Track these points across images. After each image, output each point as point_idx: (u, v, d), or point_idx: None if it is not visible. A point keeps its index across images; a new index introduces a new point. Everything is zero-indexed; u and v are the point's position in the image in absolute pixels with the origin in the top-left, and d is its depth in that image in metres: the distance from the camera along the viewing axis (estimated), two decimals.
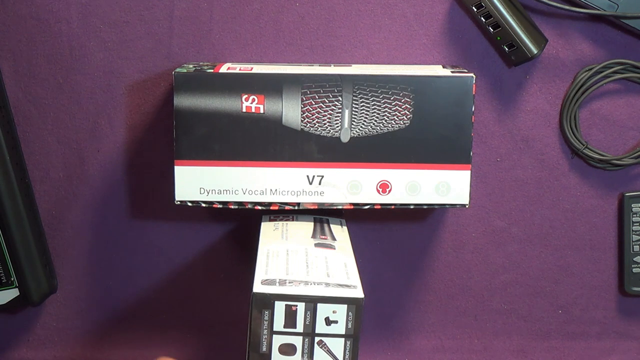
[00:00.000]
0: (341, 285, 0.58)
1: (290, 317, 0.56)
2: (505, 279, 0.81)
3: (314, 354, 0.57)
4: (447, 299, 0.82)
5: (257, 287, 0.57)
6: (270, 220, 0.73)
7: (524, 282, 0.81)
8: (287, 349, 0.57)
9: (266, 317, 0.56)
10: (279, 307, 0.56)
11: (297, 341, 0.57)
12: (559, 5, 0.73)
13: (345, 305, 0.57)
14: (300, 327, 0.57)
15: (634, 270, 0.80)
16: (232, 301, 0.82)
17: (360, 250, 0.80)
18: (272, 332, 0.56)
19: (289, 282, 0.58)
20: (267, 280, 0.58)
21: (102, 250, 0.81)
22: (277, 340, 0.57)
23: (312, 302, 0.56)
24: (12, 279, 0.76)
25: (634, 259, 0.79)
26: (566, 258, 0.81)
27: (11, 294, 0.76)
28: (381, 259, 0.81)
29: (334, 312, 0.57)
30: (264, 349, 0.57)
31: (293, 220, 0.73)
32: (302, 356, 0.57)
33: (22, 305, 0.77)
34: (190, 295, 0.81)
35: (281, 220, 0.73)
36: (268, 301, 0.56)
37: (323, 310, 0.57)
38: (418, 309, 0.82)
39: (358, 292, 0.57)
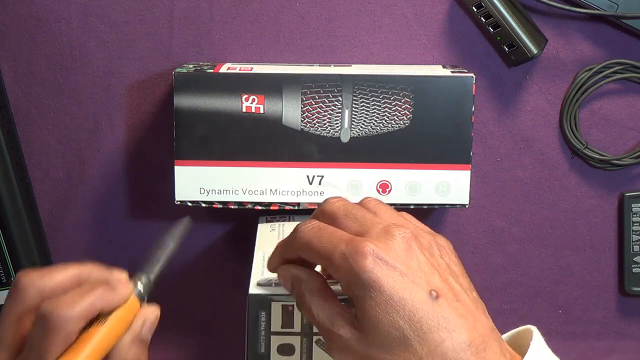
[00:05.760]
0: (336, 283, 0.58)
1: (288, 317, 0.56)
2: (505, 279, 0.81)
3: (313, 353, 0.57)
4: None
5: (253, 289, 0.57)
6: (267, 221, 0.73)
7: (524, 282, 0.81)
8: (286, 349, 0.57)
9: (263, 318, 0.56)
10: (276, 308, 0.56)
11: (296, 341, 0.57)
12: (559, 5, 0.73)
13: None
14: (297, 327, 0.57)
15: (634, 270, 0.79)
16: (232, 301, 0.82)
17: None
18: (269, 333, 0.56)
19: None
20: (262, 281, 0.58)
21: (102, 251, 0.81)
22: (276, 341, 0.57)
23: None
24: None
25: (634, 259, 0.79)
26: (566, 258, 0.81)
27: None
28: None
29: None
30: (263, 349, 0.57)
31: (290, 220, 0.73)
32: (301, 356, 0.57)
33: None
34: (189, 295, 0.81)
35: (278, 221, 0.73)
36: (264, 302, 0.56)
37: None
38: None
39: None
